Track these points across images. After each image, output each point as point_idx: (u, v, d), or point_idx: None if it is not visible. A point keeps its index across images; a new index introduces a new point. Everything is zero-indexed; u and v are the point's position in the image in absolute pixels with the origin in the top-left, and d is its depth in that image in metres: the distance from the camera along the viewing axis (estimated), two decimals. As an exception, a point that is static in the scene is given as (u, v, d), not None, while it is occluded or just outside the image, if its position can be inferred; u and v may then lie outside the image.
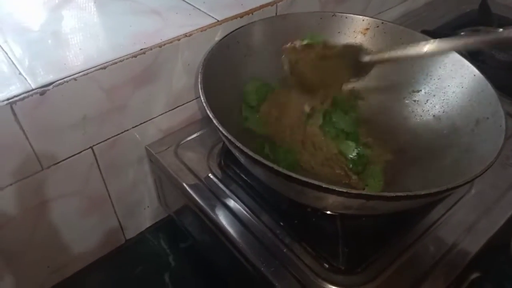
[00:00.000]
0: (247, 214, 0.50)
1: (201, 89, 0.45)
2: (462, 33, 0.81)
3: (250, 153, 0.39)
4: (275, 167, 0.37)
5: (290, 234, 0.48)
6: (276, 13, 0.61)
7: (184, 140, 0.59)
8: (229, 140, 0.40)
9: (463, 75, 0.53)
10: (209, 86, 0.46)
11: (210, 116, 0.41)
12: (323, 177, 0.53)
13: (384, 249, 0.47)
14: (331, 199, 0.40)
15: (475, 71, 0.51)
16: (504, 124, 0.45)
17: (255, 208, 0.50)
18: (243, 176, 0.53)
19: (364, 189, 0.52)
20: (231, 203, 0.51)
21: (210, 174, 0.54)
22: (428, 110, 0.55)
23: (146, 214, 0.65)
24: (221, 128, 0.40)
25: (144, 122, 0.56)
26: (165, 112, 0.57)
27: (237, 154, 0.44)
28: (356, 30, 0.59)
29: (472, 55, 0.76)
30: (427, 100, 0.56)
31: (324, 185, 0.36)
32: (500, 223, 0.50)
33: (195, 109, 0.61)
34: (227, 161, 0.55)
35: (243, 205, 0.51)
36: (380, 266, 0.46)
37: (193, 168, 0.55)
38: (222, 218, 0.49)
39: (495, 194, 0.54)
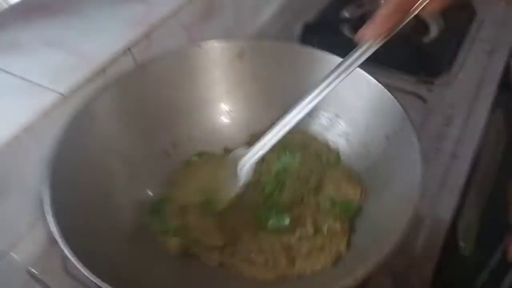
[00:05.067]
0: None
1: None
2: (345, 15, 0.76)
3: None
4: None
5: None
6: (134, 61, 0.50)
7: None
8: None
9: (359, 85, 0.47)
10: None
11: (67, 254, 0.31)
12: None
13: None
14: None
15: (370, 79, 0.45)
16: (416, 140, 0.40)
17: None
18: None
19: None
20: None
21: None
22: (338, 133, 0.49)
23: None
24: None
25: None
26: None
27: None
28: (231, 58, 0.51)
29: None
30: (330, 120, 0.50)
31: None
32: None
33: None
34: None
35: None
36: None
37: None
38: None
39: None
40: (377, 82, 0.45)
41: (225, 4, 0.63)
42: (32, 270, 0.46)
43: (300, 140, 0.48)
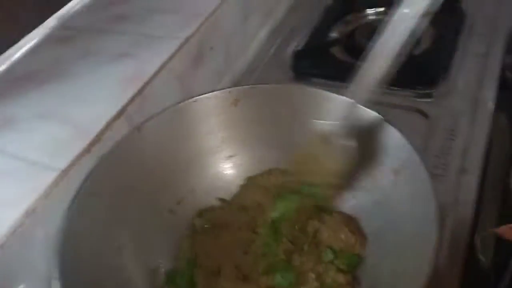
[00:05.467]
0: None
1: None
2: (334, 34, 0.75)
3: None
4: None
5: None
6: (129, 122, 0.50)
7: None
8: None
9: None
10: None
11: None
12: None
13: None
14: None
15: (371, 112, 0.45)
16: (426, 174, 0.39)
17: None
18: None
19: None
20: None
21: None
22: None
23: None
24: None
25: None
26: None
27: None
28: (226, 106, 0.50)
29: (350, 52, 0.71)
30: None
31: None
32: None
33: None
34: None
35: None
36: None
37: None
38: None
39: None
40: (377, 114, 0.44)
41: (214, 45, 0.63)
42: None
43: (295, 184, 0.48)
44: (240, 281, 0.43)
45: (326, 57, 0.70)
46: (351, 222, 0.44)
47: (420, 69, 0.66)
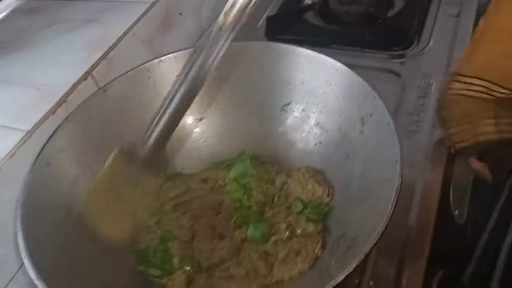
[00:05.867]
0: None
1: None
2: (307, 1, 0.75)
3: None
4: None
5: None
6: (97, 86, 0.49)
7: None
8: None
9: (326, 71, 0.46)
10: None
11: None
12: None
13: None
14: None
15: (337, 64, 0.44)
16: (391, 121, 0.39)
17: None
18: None
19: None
20: None
21: None
22: (312, 123, 0.48)
23: None
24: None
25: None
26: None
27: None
28: (193, 66, 0.49)
29: (323, 18, 0.70)
30: (303, 109, 0.49)
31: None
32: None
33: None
34: None
35: None
36: None
37: None
38: None
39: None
40: (344, 66, 0.44)
41: (183, 11, 0.62)
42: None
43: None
44: (215, 240, 0.43)
45: (299, 22, 0.69)
46: (317, 175, 0.45)
47: (393, 31, 0.66)
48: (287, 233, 0.41)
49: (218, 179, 0.47)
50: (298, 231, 0.41)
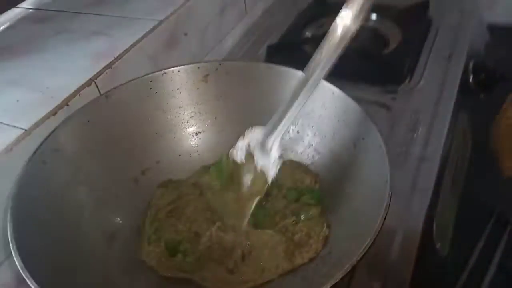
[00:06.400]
0: None
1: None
2: (307, 34, 0.78)
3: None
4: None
5: None
6: (99, 93, 0.50)
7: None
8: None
9: (323, 95, 0.47)
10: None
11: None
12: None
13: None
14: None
15: (333, 88, 0.46)
16: (383, 144, 0.40)
17: None
18: None
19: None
20: None
21: None
22: (306, 145, 0.49)
23: None
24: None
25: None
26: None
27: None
28: (195, 81, 0.51)
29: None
30: (298, 131, 0.50)
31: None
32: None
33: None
34: None
35: None
36: None
37: None
38: None
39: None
40: (341, 92, 0.46)
41: (188, 31, 0.64)
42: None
43: None
44: (221, 232, 0.44)
45: (298, 52, 0.72)
46: (301, 165, 0.48)
47: (387, 68, 0.69)
48: (293, 218, 0.43)
49: (209, 181, 0.48)
50: (302, 216, 0.43)
